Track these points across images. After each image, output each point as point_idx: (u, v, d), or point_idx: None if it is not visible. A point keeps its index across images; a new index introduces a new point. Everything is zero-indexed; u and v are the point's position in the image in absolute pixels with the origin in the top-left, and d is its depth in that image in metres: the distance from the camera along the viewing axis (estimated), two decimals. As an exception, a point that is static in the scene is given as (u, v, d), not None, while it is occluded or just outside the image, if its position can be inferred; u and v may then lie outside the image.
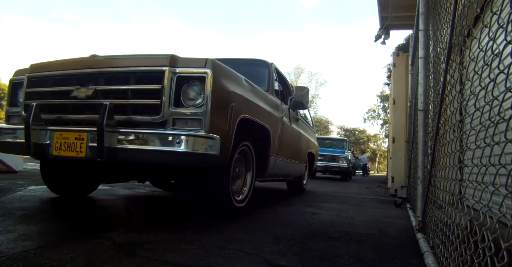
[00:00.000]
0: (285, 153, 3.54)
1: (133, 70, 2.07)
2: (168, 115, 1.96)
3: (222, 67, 2.16)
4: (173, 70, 1.98)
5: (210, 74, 1.95)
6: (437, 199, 1.86)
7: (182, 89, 2.00)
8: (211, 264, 1.39)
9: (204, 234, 1.92)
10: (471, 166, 1.18)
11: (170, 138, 1.87)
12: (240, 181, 2.70)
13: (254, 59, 3.84)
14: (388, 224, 2.74)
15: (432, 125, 2.15)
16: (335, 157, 10.86)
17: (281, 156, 3.37)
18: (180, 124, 1.96)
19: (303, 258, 1.57)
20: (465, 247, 1.12)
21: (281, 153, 3.36)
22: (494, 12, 0.97)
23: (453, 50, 1.54)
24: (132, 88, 2.04)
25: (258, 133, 2.83)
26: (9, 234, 1.67)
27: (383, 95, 31.80)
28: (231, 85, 2.21)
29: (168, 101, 1.95)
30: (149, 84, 2.01)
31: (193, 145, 1.85)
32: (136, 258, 1.40)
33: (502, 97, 0.92)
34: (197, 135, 1.88)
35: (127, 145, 1.94)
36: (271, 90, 3.35)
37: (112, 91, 2.10)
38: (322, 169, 10.92)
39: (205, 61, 1.99)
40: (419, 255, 1.73)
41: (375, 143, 43.09)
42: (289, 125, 3.70)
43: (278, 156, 3.27)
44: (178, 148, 1.84)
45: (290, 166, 3.95)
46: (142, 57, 2.13)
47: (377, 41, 7.23)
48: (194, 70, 2.00)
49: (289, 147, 3.77)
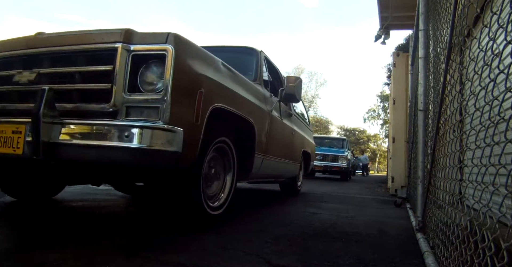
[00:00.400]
0: (275, 151, 3.19)
1: (82, 48, 1.73)
2: (121, 103, 1.61)
3: (188, 44, 1.79)
4: (127, 47, 1.64)
5: (172, 52, 1.60)
6: (437, 199, 1.86)
7: (140, 71, 1.66)
8: (211, 264, 1.39)
9: (204, 234, 1.92)
10: (471, 166, 1.18)
11: (119, 130, 1.52)
12: (217, 184, 2.33)
13: (241, 47, 3.41)
14: (388, 224, 2.74)
15: (432, 125, 2.15)
16: (334, 156, 10.67)
17: (270, 154, 3.03)
18: (135, 114, 1.62)
19: (303, 258, 1.57)
20: (465, 247, 1.12)
21: (270, 151, 3.01)
22: (494, 12, 0.97)
23: (453, 50, 1.54)
24: (80, 70, 1.71)
25: (239, 128, 2.47)
26: None
27: (383, 95, 31.79)
28: (200, 67, 1.85)
29: (122, 85, 1.61)
30: (99, 65, 1.68)
31: (148, 140, 1.49)
32: (136, 258, 1.40)
33: (502, 97, 0.92)
34: (153, 126, 1.52)
35: (70, 140, 1.59)
36: (259, 80, 2.98)
37: (58, 75, 1.76)
38: (321, 169, 10.72)
39: (167, 36, 1.64)
40: (419, 255, 1.73)
41: (375, 143, 43.08)
42: (279, 120, 3.31)
43: (267, 155, 2.92)
44: (128, 143, 1.49)
45: (281, 166, 3.58)
46: (93, 33, 1.77)
47: (377, 41, 7.23)
48: (152, 47, 1.64)
49: (280, 144, 3.40)
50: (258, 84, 2.93)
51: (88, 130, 1.59)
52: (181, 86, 1.65)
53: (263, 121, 2.79)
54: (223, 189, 2.37)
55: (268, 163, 3.02)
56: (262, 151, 2.78)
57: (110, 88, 1.61)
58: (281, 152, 3.46)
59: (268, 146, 2.91)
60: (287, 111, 3.76)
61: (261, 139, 2.73)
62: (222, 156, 2.34)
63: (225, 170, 2.40)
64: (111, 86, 1.61)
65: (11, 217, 2.22)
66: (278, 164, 3.42)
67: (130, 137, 1.49)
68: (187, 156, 1.74)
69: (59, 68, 1.76)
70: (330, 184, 8.33)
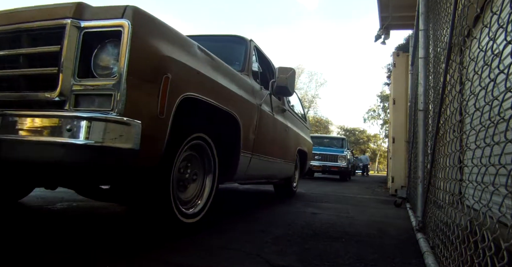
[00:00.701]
0: (266, 149, 2.89)
1: (26, 27, 1.47)
2: (69, 90, 1.35)
3: (152, 20, 1.52)
4: (77, 24, 1.38)
5: (129, 28, 1.33)
6: (437, 199, 1.86)
7: (94, 53, 1.41)
8: (211, 264, 1.39)
9: (204, 234, 1.91)
10: (471, 166, 1.18)
11: (63, 123, 1.26)
12: (194, 188, 2.02)
13: (229, 35, 3.12)
14: (388, 224, 2.74)
15: (432, 125, 2.15)
16: (333, 156, 10.43)
17: (260, 153, 2.73)
18: (85, 103, 1.36)
19: (303, 258, 1.57)
20: (465, 247, 1.12)
21: (260, 149, 2.71)
22: (494, 12, 0.97)
23: (453, 50, 1.54)
24: (23, 52, 1.46)
25: (221, 123, 2.19)
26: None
27: (383, 95, 31.79)
28: (167, 48, 1.56)
29: (71, 70, 1.36)
30: (44, 45, 1.43)
31: (97, 134, 1.24)
32: (136, 258, 1.40)
33: (502, 97, 0.92)
34: (103, 118, 1.26)
35: (4, 135, 1.35)
36: (247, 71, 2.68)
37: (1, 58, 1.52)
38: (319, 169, 10.53)
39: (124, 10, 1.38)
40: (419, 255, 1.73)
41: (375, 143, 43.09)
42: (270, 115, 3.00)
43: (255, 154, 2.62)
44: (73, 139, 1.24)
45: (273, 166, 3.25)
46: (40, 9, 1.50)
47: (377, 41, 7.23)
48: (106, 23, 1.38)
49: (271, 142, 3.10)
50: (246, 75, 2.63)
51: (28, 123, 1.34)
52: (140, 70, 1.38)
53: (250, 115, 2.48)
54: (201, 193, 2.06)
55: (258, 163, 2.74)
56: (250, 149, 2.49)
57: (56, 73, 1.36)
58: (273, 150, 3.17)
59: (257, 143, 2.62)
60: (280, 106, 3.46)
61: (248, 135, 2.43)
62: (201, 155, 2.04)
63: (204, 171, 2.09)
64: (57, 71, 1.36)
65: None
66: (270, 164, 3.12)
67: (75, 131, 1.24)
68: (148, 155, 1.47)
69: (3, 50, 1.51)
70: (330, 184, 8.33)
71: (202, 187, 2.08)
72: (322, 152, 10.41)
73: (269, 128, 3.00)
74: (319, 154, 10.24)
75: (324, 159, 10.39)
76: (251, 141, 2.51)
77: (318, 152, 10.08)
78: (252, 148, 2.54)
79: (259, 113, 2.64)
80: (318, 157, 10.21)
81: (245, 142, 2.37)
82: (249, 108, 2.48)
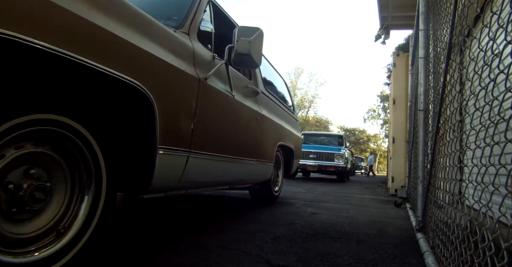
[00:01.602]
0: (218, 145, 2.04)
1: None
2: None
3: None
4: None
5: None
6: (437, 199, 1.86)
7: None
8: (211, 264, 1.39)
9: (204, 234, 1.92)
10: (471, 166, 1.18)
11: None
12: (50, 213, 1.14)
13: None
14: (388, 224, 2.74)
15: (432, 125, 2.15)
16: (329, 154, 9.44)
17: (206, 150, 1.87)
18: None
19: (303, 258, 1.57)
20: (465, 247, 1.12)
21: (206, 144, 1.87)
22: (494, 12, 0.97)
23: (453, 50, 1.54)
24: None
25: (115, 100, 1.37)
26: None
27: (383, 95, 31.78)
28: None
29: None
30: None
31: None
32: (136, 258, 1.40)
33: (502, 97, 0.92)
34: None
35: None
36: (188, 30, 1.83)
37: None
38: (315, 169, 9.56)
39: None
40: (419, 255, 1.73)
41: (375, 143, 43.11)
42: (227, 96, 2.11)
43: (197, 151, 1.77)
44: None
45: (236, 168, 2.38)
46: None
47: (377, 41, 7.24)
48: None
49: (230, 134, 2.23)
50: (185, 35, 1.79)
51: None
52: None
53: (182, 93, 1.64)
54: (67, 225, 1.18)
55: (204, 164, 1.89)
56: (184, 143, 1.66)
57: None
58: (234, 145, 2.28)
59: (199, 135, 1.78)
60: (249, 87, 2.63)
61: (178, 123, 1.62)
62: (66, 156, 1.19)
63: (74, 184, 1.22)
64: None
65: None
66: (229, 165, 2.24)
67: None
68: None
69: None
70: (329, 184, 8.33)
71: (71, 214, 1.20)
72: (317, 150, 9.55)
73: (226, 115, 2.13)
74: (314, 153, 9.48)
75: (319, 157, 9.47)
76: (187, 132, 1.68)
77: (313, 150, 9.50)
78: (190, 142, 1.70)
79: (202, 91, 1.78)
80: (313, 156, 9.43)
81: (171, 132, 1.55)
82: (181, 82, 1.62)
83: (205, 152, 1.87)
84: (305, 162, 9.20)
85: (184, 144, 1.67)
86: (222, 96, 2.06)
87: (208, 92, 1.87)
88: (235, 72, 2.35)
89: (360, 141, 41.61)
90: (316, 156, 9.45)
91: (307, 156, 9.37)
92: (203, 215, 2.63)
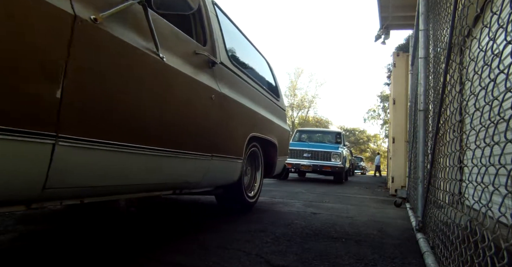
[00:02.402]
0: (128, 128, 1.31)
1: None
2: None
3: None
4: None
5: None
6: (437, 199, 1.86)
7: None
8: (211, 264, 1.39)
9: (204, 234, 1.92)
10: (471, 166, 1.18)
11: None
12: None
13: None
14: (388, 224, 2.74)
15: (432, 125, 2.15)
16: (325, 153, 8.50)
17: (98, 136, 1.16)
18: None
19: (303, 258, 1.57)
20: (465, 247, 1.12)
21: (98, 125, 1.16)
22: (494, 12, 0.97)
23: (453, 50, 1.54)
24: None
25: None
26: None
27: (383, 95, 31.77)
28: None
29: None
30: None
31: None
32: (136, 258, 1.40)
33: (502, 97, 0.92)
34: None
35: None
36: None
37: None
38: (309, 169, 8.59)
39: None
40: (419, 255, 1.73)
41: (375, 143, 43.10)
42: (146, 55, 1.38)
43: (71, 136, 1.04)
44: None
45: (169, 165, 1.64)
46: None
47: (377, 41, 7.23)
48: None
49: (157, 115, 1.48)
50: None
51: None
52: None
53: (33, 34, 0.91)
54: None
55: (95, 158, 1.17)
56: (49, 125, 0.98)
57: None
58: (165, 132, 1.56)
59: (81, 111, 1.09)
60: (198, 52, 1.91)
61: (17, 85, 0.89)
62: None
63: None
64: None
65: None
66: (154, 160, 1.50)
67: None
68: None
69: None
70: (330, 184, 8.32)
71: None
72: (312, 148, 8.64)
73: (142, 85, 1.39)
74: (308, 151, 8.55)
75: (314, 157, 8.52)
76: (53, 104, 0.98)
77: (307, 148, 8.65)
78: (57, 121, 1.00)
79: (82, 39, 1.07)
80: (307, 155, 8.52)
81: None
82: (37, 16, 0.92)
83: (96, 139, 1.15)
84: (298, 161, 8.44)
85: (41, 123, 0.96)
86: (135, 55, 1.33)
87: (100, 43, 1.16)
88: (172, 27, 1.70)
89: (360, 141, 41.60)
90: (310, 155, 8.52)
91: (301, 154, 8.54)
92: (203, 215, 2.63)
